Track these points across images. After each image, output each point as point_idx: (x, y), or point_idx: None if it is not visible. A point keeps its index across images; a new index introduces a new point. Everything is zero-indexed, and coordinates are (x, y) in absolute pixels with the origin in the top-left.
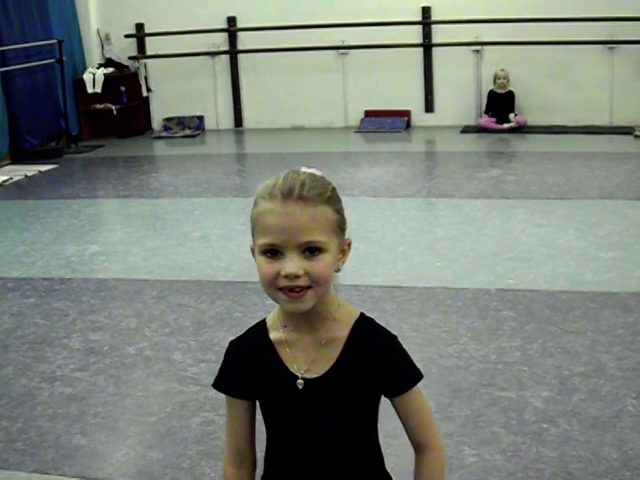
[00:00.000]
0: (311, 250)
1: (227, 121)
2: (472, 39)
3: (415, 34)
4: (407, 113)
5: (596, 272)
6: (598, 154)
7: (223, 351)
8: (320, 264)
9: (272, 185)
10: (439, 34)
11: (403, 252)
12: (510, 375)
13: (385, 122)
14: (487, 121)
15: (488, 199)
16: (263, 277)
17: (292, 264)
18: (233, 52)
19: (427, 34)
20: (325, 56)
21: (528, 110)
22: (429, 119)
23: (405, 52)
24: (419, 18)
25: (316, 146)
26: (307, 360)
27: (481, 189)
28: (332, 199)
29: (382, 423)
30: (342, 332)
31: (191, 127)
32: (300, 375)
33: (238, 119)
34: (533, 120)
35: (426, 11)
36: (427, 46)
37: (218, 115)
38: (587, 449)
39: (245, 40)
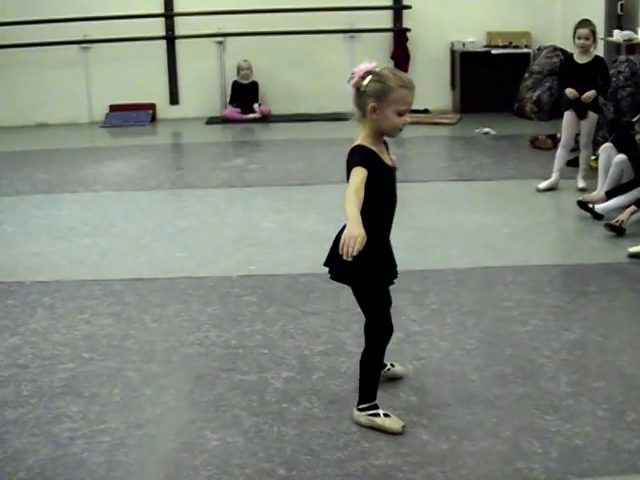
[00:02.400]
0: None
1: None
2: (215, 30)
3: (158, 26)
4: (152, 106)
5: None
6: (340, 140)
7: None
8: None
9: (404, 78)
10: (182, 26)
11: (145, 244)
12: (251, 359)
13: (130, 116)
14: (232, 112)
15: (231, 188)
16: (396, 124)
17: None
18: None
19: (170, 26)
20: (67, 51)
21: (273, 99)
22: (174, 111)
23: (148, 45)
24: (162, 10)
25: (61, 142)
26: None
27: (224, 178)
28: None
29: None
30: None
31: None
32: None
33: None
34: (278, 109)
35: (169, 3)
36: (170, 38)
37: None
38: (327, 425)
39: None
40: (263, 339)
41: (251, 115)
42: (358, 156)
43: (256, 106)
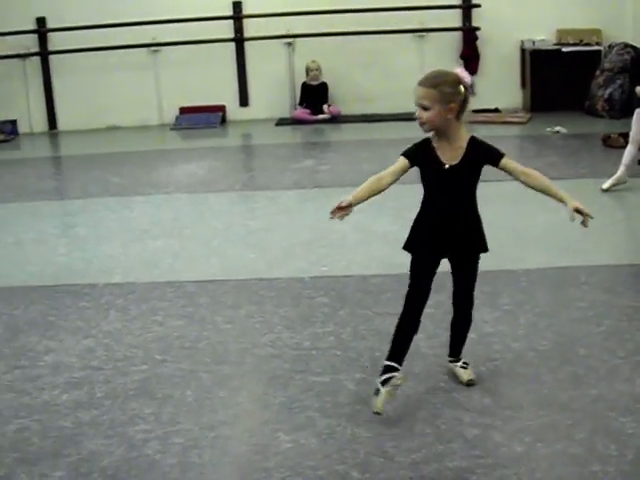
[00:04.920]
0: (423, 107)
1: (41, 124)
2: (283, 32)
3: (227, 29)
4: (222, 108)
5: (408, 255)
6: (411, 140)
7: (38, 356)
8: (425, 114)
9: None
10: (251, 28)
11: (217, 246)
12: (324, 360)
13: (200, 118)
14: (301, 113)
15: (302, 189)
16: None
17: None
18: (44, 53)
19: (239, 28)
20: (138, 54)
21: (342, 100)
22: (244, 113)
23: (218, 47)
24: (231, 13)
25: (132, 145)
26: (448, 157)
27: (295, 180)
28: (439, 85)
29: None
30: (463, 144)
31: (4, 132)
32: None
33: (52, 122)
34: (347, 110)
35: (237, 5)
36: (239, 40)
37: (31, 118)
38: (401, 426)
39: (56, 41)
40: (336, 340)
41: (321, 116)
42: (411, 147)
43: (325, 107)
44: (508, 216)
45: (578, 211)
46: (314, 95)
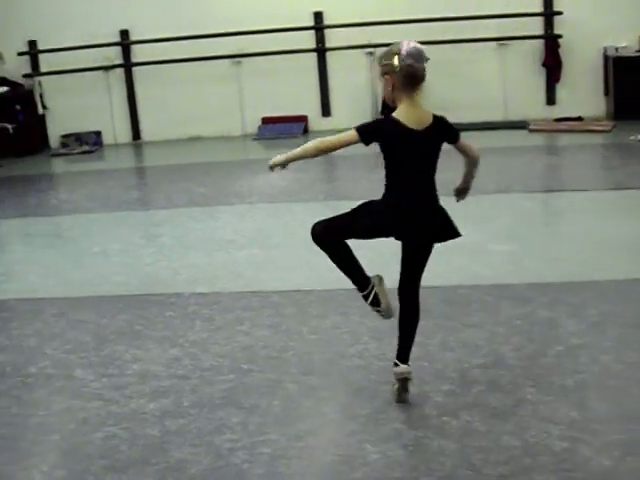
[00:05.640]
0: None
1: (125, 135)
2: (365, 42)
3: (308, 39)
4: (304, 118)
5: (492, 265)
6: (494, 149)
7: (125, 365)
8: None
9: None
10: (332, 38)
11: (302, 256)
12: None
13: (283, 128)
14: None
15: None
16: None
17: None
18: (127, 65)
19: (320, 39)
20: (220, 65)
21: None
22: (326, 123)
23: (299, 58)
24: (312, 23)
25: (215, 155)
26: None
27: (377, 189)
28: (380, 59)
29: None
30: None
31: (89, 143)
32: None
33: (136, 132)
34: None
35: (318, 16)
36: (321, 50)
37: (115, 130)
38: (488, 439)
39: (139, 53)
40: (422, 352)
41: None
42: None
43: None
44: (594, 227)
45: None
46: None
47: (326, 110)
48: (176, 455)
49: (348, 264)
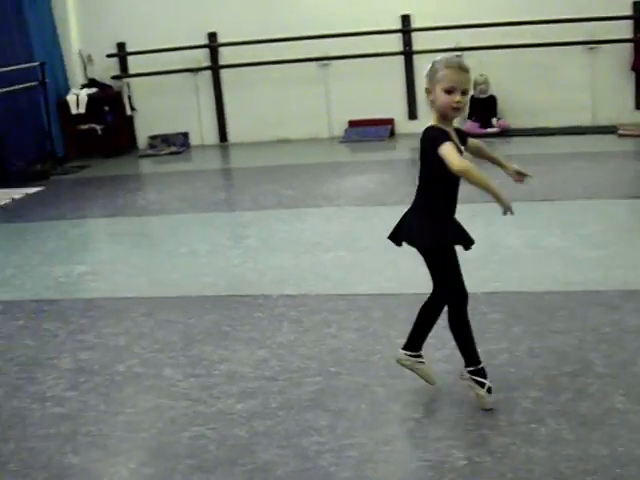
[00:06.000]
0: (463, 92)
1: (212, 136)
2: (452, 45)
3: (395, 42)
4: (391, 121)
5: (581, 271)
6: (582, 154)
7: (212, 365)
8: (466, 99)
9: (451, 60)
10: (419, 41)
11: (390, 259)
12: (498, 377)
13: (369, 131)
14: (471, 126)
15: (472, 204)
16: (445, 102)
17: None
18: (215, 67)
19: (407, 42)
20: (307, 68)
21: (511, 113)
22: (413, 126)
23: (386, 60)
24: (399, 26)
25: (301, 158)
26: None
27: (465, 193)
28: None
29: None
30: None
31: (176, 144)
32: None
33: (223, 134)
34: (516, 123)
35: (406, 19)
36: (408, 53)
37: (203, 131)
38: (577, 448)
39: (227, 55)
40: (509, 358)
41: (490, 129)
42: (439, 135)
43: (494, 120)
44: None
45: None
46: (483, 108)
47: (412, 113)
48: (263, 456)
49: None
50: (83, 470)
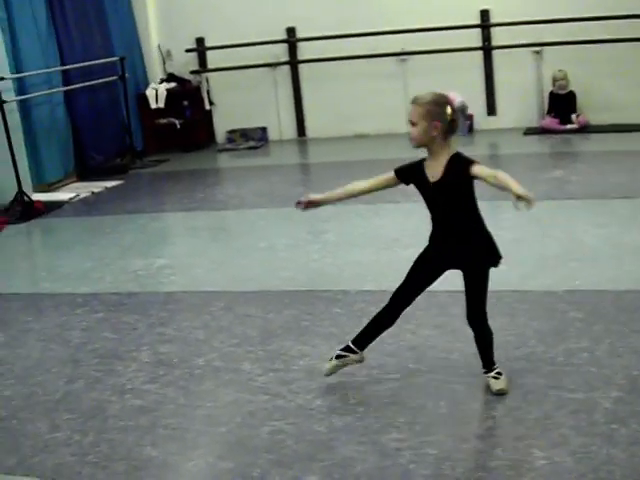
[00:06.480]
0: (411, 124)
1: (290, 131)
2: (532, 40)
3: (474, 37)
4: (469, 117)
5: None
6: None
7: (292, 360)
8: (413, 130)
9: None
10: (498, 36)
11: None
12: (578, 376)
13: None
14: (550, 122)
15: (552, 200)
16: None
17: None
18: (294, 62)
19: (487, 37)
20: (385, 63)
21: (590, 110)
22: (492, 122)
23: (465, 56)
24: (478, 21)
25: (380, 153)
26: (432, 173)
27: (545, 190)
28: (426, 104)
29: None
30: (445, 160)
31: (254, 139)
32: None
33: (301, 129)
34: (596, 119)
35: (485, 14)
36: (487, 49)
37: (281, 126)
38: None
39: (305, 50)
40: (590, 357)
41: (569, 126)
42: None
43: (574, 117)
44: None
45: (520, 197)
46: (562, 104)
47: (492, 109)
48: (342, 452)
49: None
50: (162, 463)
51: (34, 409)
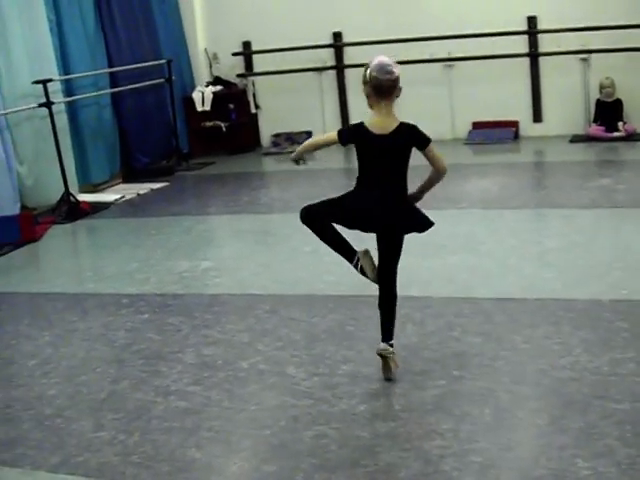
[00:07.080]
0: None
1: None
2: (579, 47)
3: (521, 44)
4: (515, 123)
5: None
6: None
7: (336, 365)
8: None
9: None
10: (545, 43)
11: (513, 264)
12: (624, 387)
13: (493, 133)
14: (596, 130)
15: (598, 209)
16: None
17: None
18: (339, 67)
19: (533, 43)
20: (431, 68)
21: (637, 118)
22: (537, 129)
23: (511, 62)
24: (525, 28)
25: (424, 159)
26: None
27: (591, 199)
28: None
29: None
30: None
31: (299, 142)
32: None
33: None
34: None
35: (532, 20)
36: (534, 55)
37: (326, 130)
38: None
39: (351, 55)
40: (636, 367)
41: (615, 134)
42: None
43: (620, 124)
44: None
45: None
46: (608, 112)
47: (537, 116)
48: (385, 458)
49: (333, 242)
50: (205, 465)
51: (79, 408)
